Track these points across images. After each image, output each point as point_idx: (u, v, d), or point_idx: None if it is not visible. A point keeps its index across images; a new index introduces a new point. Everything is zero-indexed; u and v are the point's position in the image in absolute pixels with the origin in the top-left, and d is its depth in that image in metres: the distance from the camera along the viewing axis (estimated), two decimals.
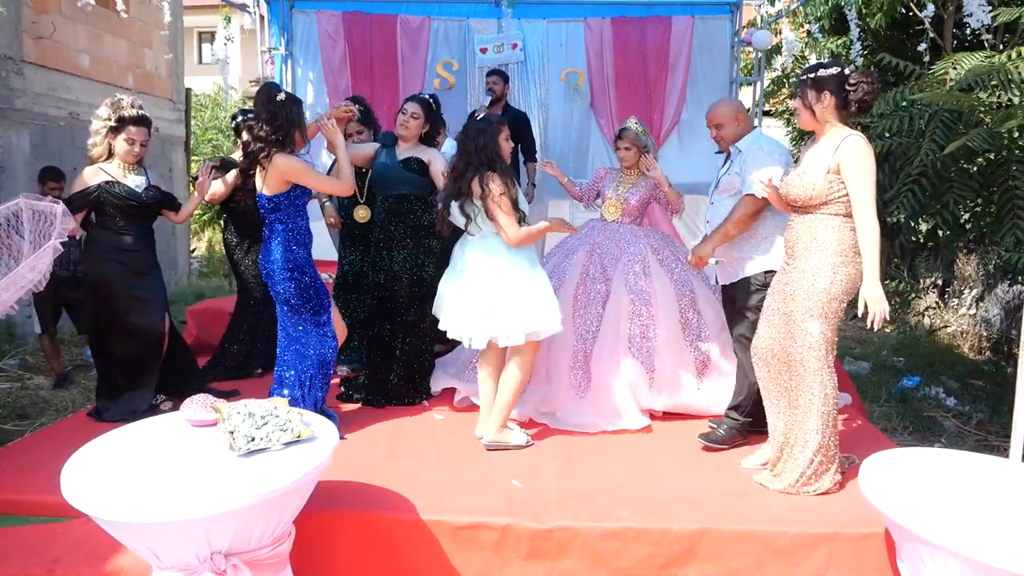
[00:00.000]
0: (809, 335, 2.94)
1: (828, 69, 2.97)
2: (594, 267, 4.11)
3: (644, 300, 3.96)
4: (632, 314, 3.95)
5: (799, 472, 3.02)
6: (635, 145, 4.15)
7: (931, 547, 2.18)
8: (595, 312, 4.00)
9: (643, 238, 4.18)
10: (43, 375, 5.83)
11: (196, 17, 16.16)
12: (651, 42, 7.01)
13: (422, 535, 2.79)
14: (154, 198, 3.91)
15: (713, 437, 3.55)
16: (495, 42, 6.89)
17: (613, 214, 4.24)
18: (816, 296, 2.93)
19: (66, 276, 5.02)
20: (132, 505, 2.08)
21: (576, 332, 3.99)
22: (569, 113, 7.21)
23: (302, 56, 7.10)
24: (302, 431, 2.47)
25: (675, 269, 4.09)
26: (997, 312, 7.25)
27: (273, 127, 3.29)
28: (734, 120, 3.55)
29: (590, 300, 4.03)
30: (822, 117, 2.98)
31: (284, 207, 3.40)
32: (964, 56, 4.46)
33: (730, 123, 3.55)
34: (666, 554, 2.75)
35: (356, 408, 4.05)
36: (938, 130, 4.26)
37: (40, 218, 3.33)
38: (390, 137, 4.07)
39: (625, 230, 4.21)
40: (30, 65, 7.11)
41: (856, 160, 2.85)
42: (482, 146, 3.34)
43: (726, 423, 3.59)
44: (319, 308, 3.52)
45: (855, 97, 2.93)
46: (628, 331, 3.94)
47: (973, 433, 5.01)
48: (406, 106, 3.98)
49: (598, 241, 4.20)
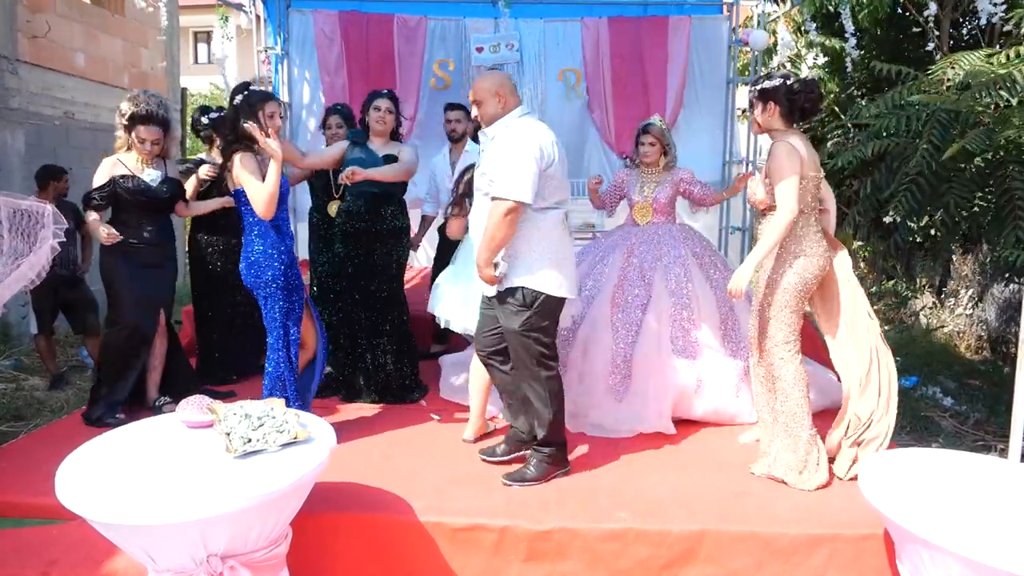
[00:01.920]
0: (772, 326, 3.21)
1: (772, 81, 3.16)
2: (632, 270, 4.03)
3: (685, 304, 3.91)
4: (674, 318, 3.90)
5: (791, 457, 3.17)
6: (659, 140, 4.07)
7: (931, 547, 2.17)
8: (635, 316, 3.92)
9: (683, 242, 4.09)
10: (39, 376, 5.80)
11: (192, 17, 16.10)
12: (648, 42, 7.01)
13: (420, 537, 2.78)
14: (166, 192, 3.91)
15: (519, 476, 3.15)
16: (492, 42, 6.87)
17: (645, 216, 4.13)
18: (778, 290, 3.18)
19: (65, 276, 5.00)
20: (127, 507, 2.07)
21: (615, 336, 3.91)
22: (566, 113, 7.19)
23: (298, 56, 7.07)
24: (299, 432, 2.46)
25: (714, 275, 4.03)
26: (994, 312, 7.26)
27: (229, 128, 3.34)
28: (494, 96, 3.08)
29: (628, 304, 3.96)
30: (767, 124, 3.20)
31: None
32: (962, 56, 4.46)
33: (489, 99, 3.09)
34: (666, 555, 2.75)
35: (353, 409, 4.03)
36: (935, 130, 4.27)
37: (24, 217, 3.31)
38: (360, 134, 4.08)
39: (663, 231, 4.11)
40: (25, 64, 7.08)
41: (773, 162, 3.10)
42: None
43: (535, 458, 3.20)
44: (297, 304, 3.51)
45: (798, 105, 3.13)
46: (671, 335, 3.88)
47: (971, 433, 5.01)
48: (379, 102, 3.99)
49: (634, 244, 4.11)
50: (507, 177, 2.90)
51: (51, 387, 5.49)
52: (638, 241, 4.12)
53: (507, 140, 2.99)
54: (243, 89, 3.38)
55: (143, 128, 3.79)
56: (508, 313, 3.07)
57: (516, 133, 3.00)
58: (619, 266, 4.08)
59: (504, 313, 3.09)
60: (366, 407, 4.05)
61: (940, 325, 7.78)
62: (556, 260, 3.05)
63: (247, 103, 3.31)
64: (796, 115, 3.16)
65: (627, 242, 4.15)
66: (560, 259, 3.07)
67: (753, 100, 3.22)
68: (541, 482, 3.13)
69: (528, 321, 3.03)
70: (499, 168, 2.94)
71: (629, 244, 4.13)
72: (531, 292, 3.02)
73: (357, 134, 4.09)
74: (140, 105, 3.77)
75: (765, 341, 3.25)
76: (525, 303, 3.02)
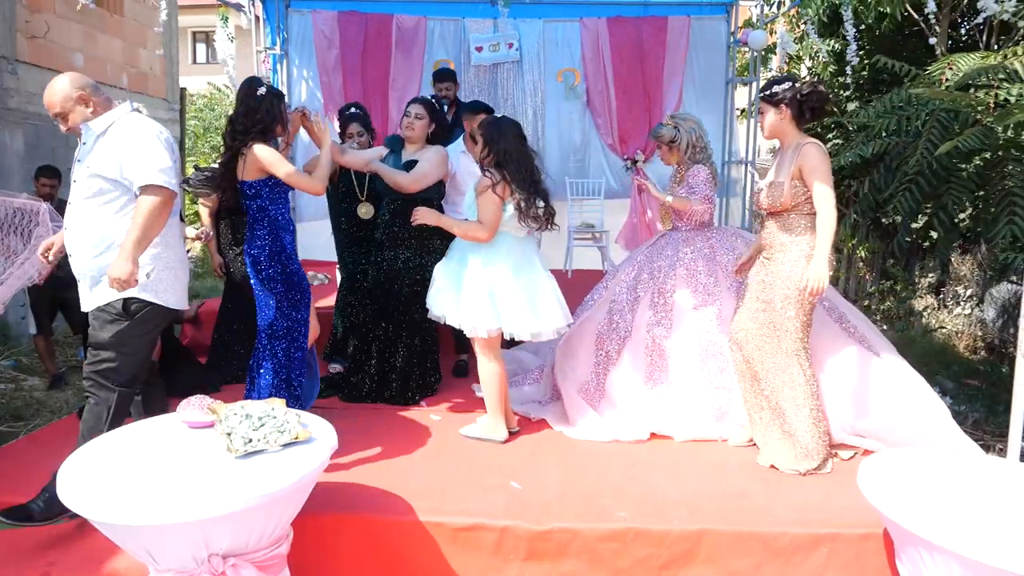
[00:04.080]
0: (787, 320, 3.25)
1: (782, 85, 3.22)
2: (640, 284, 3.92)
3: (665, 324, 3.80)
4: (648, 341, 3.81)
5: (793, 447, 3.28)
6: (663, 143, 3.91)
7: (930, 547, 2.18)
8: (616, 338, 3.86)
9: (692, 251, 3.86)
10: (38, 376, 5.80)
11: (190, 17, 16.11)
12: (647, 42, 7.02)
13: (421, 537, 2.78)
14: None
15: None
16: (491, 41, 6.89)
17: (667, 222, 4.06)
18: (794, 286, 3.20)
19: (63, 276, 4.99)
20: (129, 507, 2.07)
21: (596, 352, 3.89)
22: (566, 113, 7.21)
23: (297, 56, 7.07)
24: (300, 432, 2.46)
25: (710, 284, 3.84)
26: (993, 312, 7.27)
27: (253, 120, 3.30)
28: (71, 100, 2.84)
29: (615, 323, 3.89)
30: (780, 128, 3.25)
31: (265, 194, 3.38)
32: (960, 57, 4.47)
33: (67, 103, 2.83)
34: (665, 555, 2.75)
35: (353, 409, 4.03)
36: (934, 130, 4.28)
37: (18, 215, 3.31)
38: (397, 141, 4.06)
39: (677, 239, 3.93)
40: (24, 64, 7.08)
41: (812, 162, 3.12)
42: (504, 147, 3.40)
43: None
44: (301, 301, 3.51)
45: (808, 106, 3.19)
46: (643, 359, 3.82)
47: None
48: (410, 108, 3.97)
49: (643, 259, 3.99)
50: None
51: (50, 387, 5.49)
52: (650, 254, 3.99)
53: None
54: (259, 83, 3.38)
55: None
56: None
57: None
58: (623, 281, 3.98)
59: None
60: (367, 407, 4.05)
61: (939, 325, 7.79)
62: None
63: (274, 95, 3.33)
64: (806, 117, 3.23)
65: (638, 256, 4.05)
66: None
67: (764, 105, 3.26)
68: None
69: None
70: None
71: (639, 259, 4.02)
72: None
73: (395, 141, 4.06)
74: None
75: (783, 340, 3.27)
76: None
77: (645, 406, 3.74)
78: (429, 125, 3.98)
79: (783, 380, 3.30)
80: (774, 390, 3.33)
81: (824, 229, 3.11)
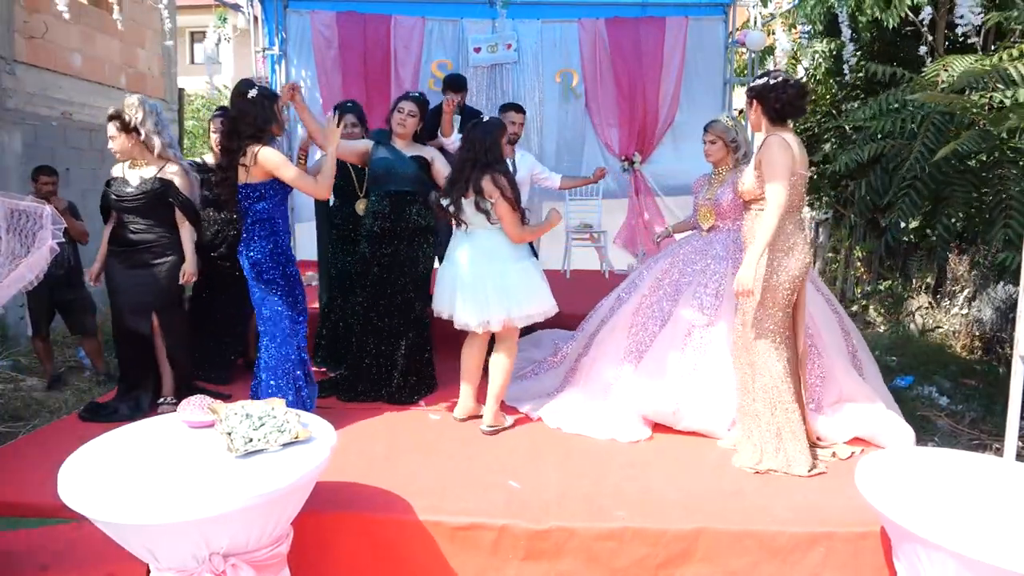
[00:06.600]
0: (756, 319, 3.26)
1: (757, 80, 3.24)
2: (668, 282, 3.93)
3: (703, 324, 3.75)
4: (688, 339, 3.77)
5: (755, 449, 3.31)
6: (720, 138, 3.81)
7: (927, 545, 2.19)
8: (652, 329, 3.87)
9: (735, 252, 3.72)
10: (36, 376, 5.80)
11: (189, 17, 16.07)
12: (645, 42, 7.03)
13: (420, 536, 2.79)
14: (135, 194, 3.79)
15: None
16: (489, 42, 6.89)
17: (707, 219, 3.90)
18: (767, 290, 3.20)
19: (60, 276, 4.99)
20: (130, 506, 2.08)
21: (626, 344, 3.93)
22: (564, 113, 7.22)
23: (295, 56, 7.08)
24: (300, 432, 2.47)
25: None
26: (989, 312, 7.29)
27: (246, 123, 3.32)
28: None
29: (650, 316, 3.91)
30: (755, 122, 3.29)
31: (270, 196, 3.39)
32: (955, 59, 4.48)
33: None
34: (663, 554, 2.76)
35: (352, 409, 4.04)
36: (930, 132, 4.29)
37: (21, 216, 3.31)
38: (384, 134, 4.08)
39: (719, 239, 3.87)
40: (22, 65, 7.08)
41: (766, 154, 3.13)
42: (490, 146, 3.55)
43: None
44: (300, 302, 3.52)
45: (780, 102, 3.16)
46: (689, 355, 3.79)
47: (966, 432, 5.04)
48: (402, 104, 4.01)
49: (679, 255, 3.97)
50: None
51: (49, 388, 5.49)
52: (688, 251, 3.97)
53: None
54: (250, 85, 3.39)
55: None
56: None
57: None
58: (656, 276, 4.00)
59: None
60: (366, 406, 4.05)
61: (936, 325, 7.81)
62: None
63: (265, 96, 3.34)
64: (775, 114, 3.19)
65: (676, 252, 4.01)
66: None
67: (747, 99, 3.32)
68: None
69: None
70: None
71: (675, 255, 3.99)
72: None
73: (381, 134, 4.10)
74: (113, 110, 3.76)
75: (751, 337, 3.30)
76: None
77: (673, 390, 3.69)
78: (419, 123, 4.04)
79: (760, 383, 3.30)
80: (748, 390, 3.36)
81: (762, 228, 3.08)
